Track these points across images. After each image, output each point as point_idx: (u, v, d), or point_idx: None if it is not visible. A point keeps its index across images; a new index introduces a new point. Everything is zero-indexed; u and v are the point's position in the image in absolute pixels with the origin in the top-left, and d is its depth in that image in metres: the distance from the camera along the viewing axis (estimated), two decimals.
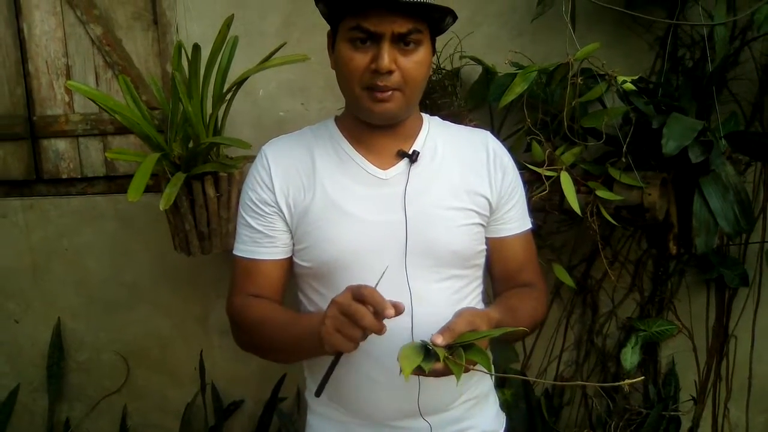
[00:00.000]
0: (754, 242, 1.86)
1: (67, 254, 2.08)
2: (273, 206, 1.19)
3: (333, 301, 0.96)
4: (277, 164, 1.20)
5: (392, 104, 1.10)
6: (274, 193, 1.18)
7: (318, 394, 1.05)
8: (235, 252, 1.23)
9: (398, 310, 0.92)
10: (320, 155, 1.20)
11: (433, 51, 1.15)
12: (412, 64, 1.08)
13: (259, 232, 1.20)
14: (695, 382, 1.99)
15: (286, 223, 1.19)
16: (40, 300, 2.12)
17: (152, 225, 2.01)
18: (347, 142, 1.20)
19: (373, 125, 1.16)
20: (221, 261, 1.98)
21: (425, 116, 1.27)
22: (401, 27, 1.05)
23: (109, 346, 2.13)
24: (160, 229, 1.93)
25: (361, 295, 0.93)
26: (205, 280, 2.05)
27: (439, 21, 1.12)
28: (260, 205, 1.19)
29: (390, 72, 1.06)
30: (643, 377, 1.97)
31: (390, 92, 1.09)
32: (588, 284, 1.97)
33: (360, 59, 1.08)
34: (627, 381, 0.83)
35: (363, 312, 0.91)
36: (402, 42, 1.07)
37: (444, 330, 0.94)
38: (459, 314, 0.99)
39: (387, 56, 1.05)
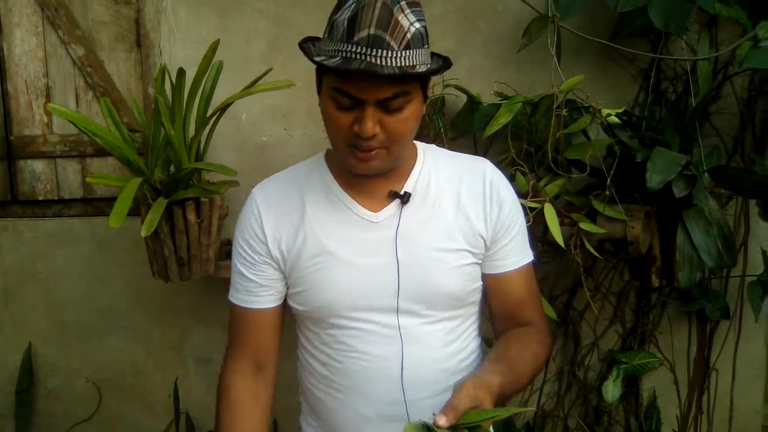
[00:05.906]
0: (736, 276, 1.87)
1: (40, 277, 2.03)
2: (264, 256, 1.16)
3: None
4: (268, 211, 1.17)
5: (377, 162, 1.06)
6: (266, 244, 1.16)
7: None
8: (230, 298, 1.22)
9: None
10: (311, 199, 1.16)
11: (425, 97, 1.08)
12: (398, 123, 1.02)
13: (252, 281, 1.18)
14: (677, 416, 1.97)
15: (280, 271, 1.17)
16: (11, 324, 2.06)
17: (129, 249, 1.97)
18: (337, 184, 1.16)
19: None
20: (200, 287, 1.94)
21: (420, 147, 1.21)
22: (385, 93, 0.99)
23: (81, 373, 2.07)
24: (138, 253, 1.90)
25: None
26: (182, 306, 2.01)
27: (428, 76, 1.06)
28: (252, 254, 1.17)
29: (374, 134, 1.02)
30: None
31: (374, 151, 1.04)
32: (570, 316, 1.95)
33: (343, 119, 1.02)
34: None
35: None
36: (387, 104, 1.00)
37: (447, 410, 0.90)
38: (460, 388, 0.94)
39: (369, 122, 1.00)
